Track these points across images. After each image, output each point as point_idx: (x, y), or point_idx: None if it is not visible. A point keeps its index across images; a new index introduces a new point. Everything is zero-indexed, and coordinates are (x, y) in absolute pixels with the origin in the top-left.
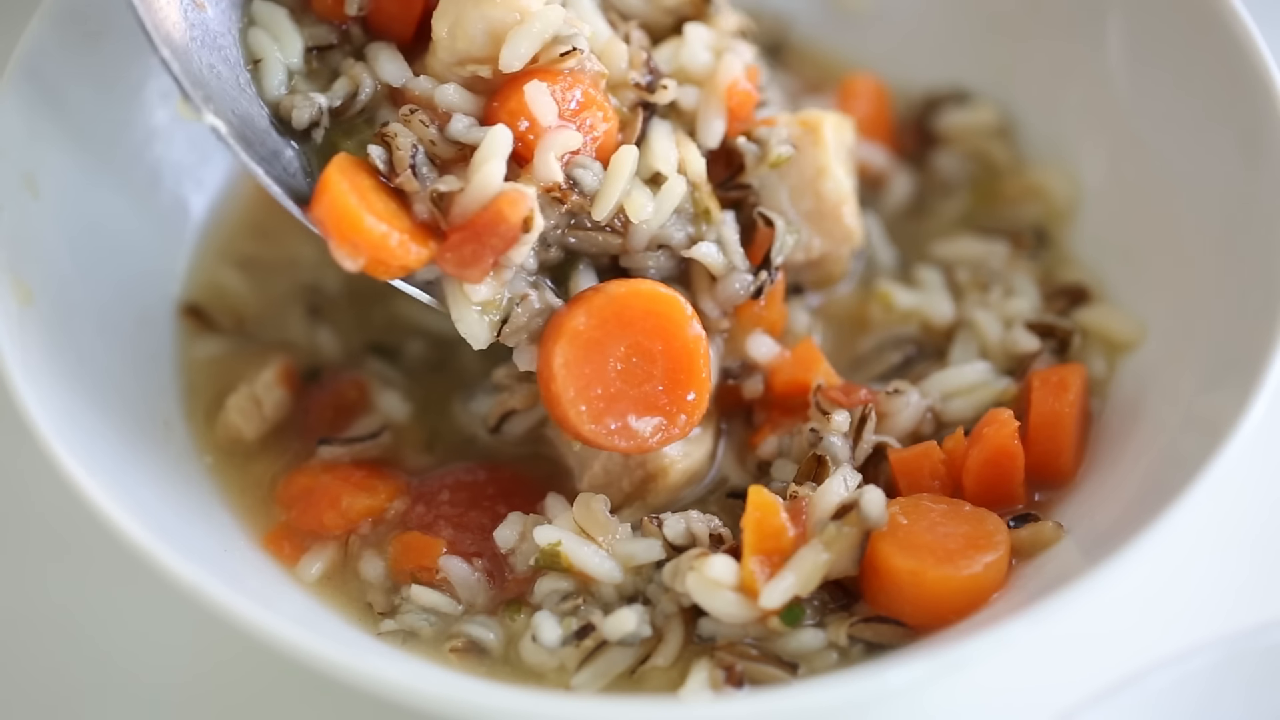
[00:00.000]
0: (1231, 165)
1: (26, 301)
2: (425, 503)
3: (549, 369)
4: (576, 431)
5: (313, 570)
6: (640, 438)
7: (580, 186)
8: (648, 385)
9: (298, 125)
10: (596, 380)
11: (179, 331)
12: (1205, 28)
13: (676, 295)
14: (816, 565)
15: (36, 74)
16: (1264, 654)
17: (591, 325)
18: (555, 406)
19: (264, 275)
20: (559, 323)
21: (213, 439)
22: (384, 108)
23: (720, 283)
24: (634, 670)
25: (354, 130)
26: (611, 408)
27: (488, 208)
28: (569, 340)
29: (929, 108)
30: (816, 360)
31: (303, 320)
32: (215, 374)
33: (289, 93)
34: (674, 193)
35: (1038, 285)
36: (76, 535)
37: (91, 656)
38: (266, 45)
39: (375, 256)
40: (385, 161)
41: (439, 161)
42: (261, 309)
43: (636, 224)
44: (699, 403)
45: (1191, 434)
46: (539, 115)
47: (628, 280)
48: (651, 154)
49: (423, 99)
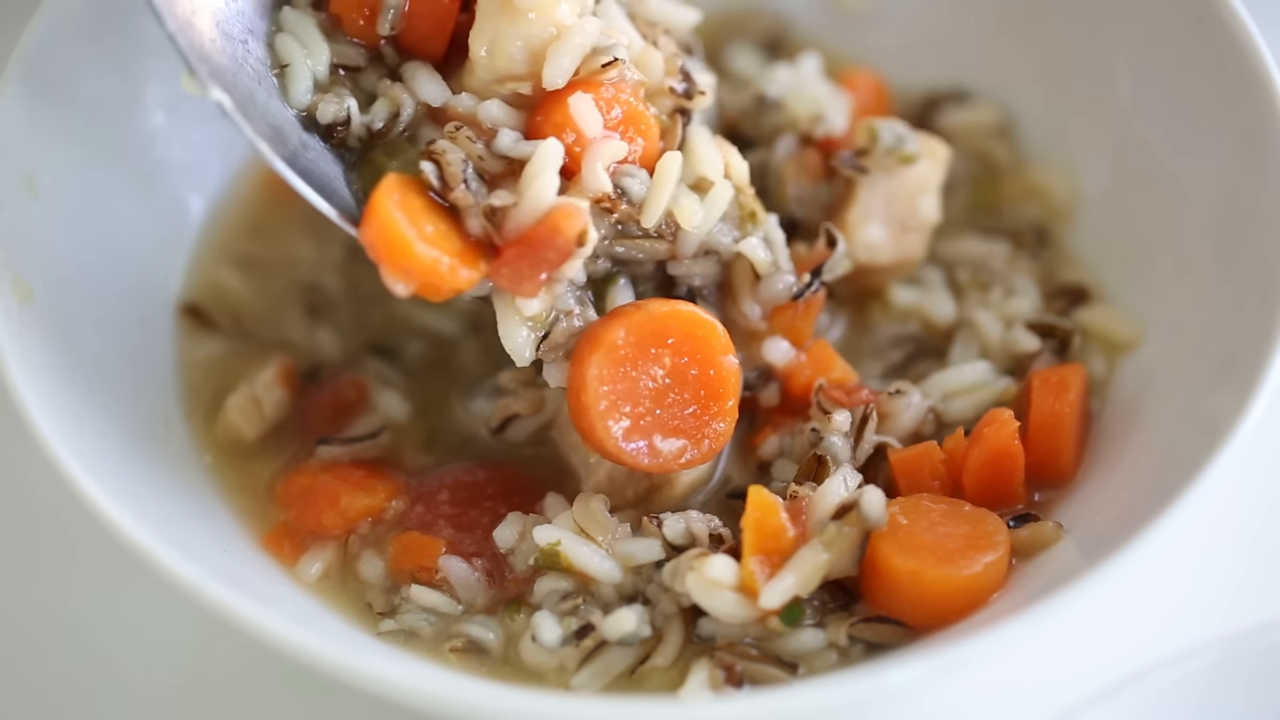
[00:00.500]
0: (1231, 165)
1: (27, 300)
2: (425, 503)
3: (581, 379)
4: (601, 444)
5: (312, 570)
6: (663, 458)
7: (628, 195)
8: (677, 407)
9: (322, 120)
10: (628, 396)
11: (178, 331)
12: (1205, 28)
13: (716, 323)
14: (816, 565)
15: (37, 73)
16: (1263, 654)
17: (629, 341)
18: (583, 417)
19: (263, 274)
20: (596, 335)
21: (212, 438)
22: (425, 126)
23: (764, 282)
24: (634, 670)
25: (398, 150)
26: (639, 425)
27: (542, 222)
28: (605, 353)
29: (929, 107)
30: (832, 361)
31: (302, 320)
32: (215, 374)
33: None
34: (722, 197)
35: (1038, 285)
36: (76, 534)
37: (91, 655)
38: (295, 51)
39: (426, 281)
40: (438, 178)
41: (487, 177)
42: (260, 308)
43: (686, 230)
44: (726, 432)
45: (1191, 434)
46: (584, 127)
47: (669, 300)
48: (695, 159)
49: (466, 116)
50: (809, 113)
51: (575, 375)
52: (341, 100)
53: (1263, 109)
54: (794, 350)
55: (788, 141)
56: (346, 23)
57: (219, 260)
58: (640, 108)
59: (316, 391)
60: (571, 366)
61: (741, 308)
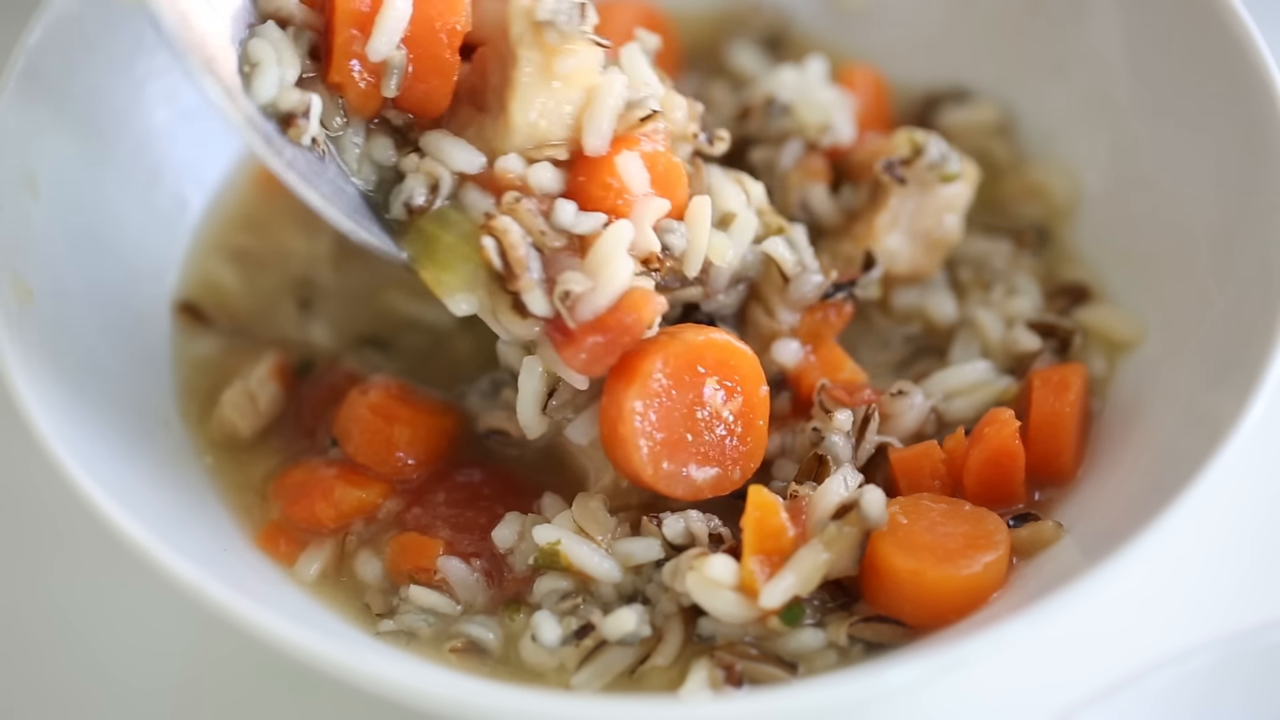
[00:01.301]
0: (1231, 165)
1: (27, 301)
2: (421, 504)
3: (618, 410)
4: (637, 474)
5: (311, 570)
6: (695, 486)
7: (670, 250)
8: (711, 436)
9: (282, 108)
10: (664, 426)
11: (174, 329)
12: (1205, 27)
13: (749, 352)
14: (816, 565)
15: (36, 73)
16: (1263, 653)
17: (666, 371)
18: (619, 448)
19: (255, 268)
20: (633, 366)
21: (208, 436)
22: (464, 188)
23: (793, 283)
24: (634, 670)
25: (448, 221)
26: (674, 454)
27: (618, 306)
28: (643, 384)
29: (929, 106)
30: (842, 363)
31: (294, 314)
32: (210, 372)
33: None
34: (748, 226)
35: (1039, 284)
36: (76, 534)
37: (89, 656)
38: (266, 52)
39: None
40: (501, 259)
41: (546, 252)
42: (254, 303)
43: (719, 266)
44: (756, 460)
45: (1191, 433)
46: (632, 185)
47: (703, 328)
48: (716, 196)
49: (516, 183)
50: (818, 121)
51: (611, 406)
52: (304, 99)
53: (1263, 109)
54: (803, 351)
55: (795, 147)
56: (348, 91)
57: (212, 254)
58: (674, 159)
59: (311, 386)
60: (606, 395)
61: (776, 315)
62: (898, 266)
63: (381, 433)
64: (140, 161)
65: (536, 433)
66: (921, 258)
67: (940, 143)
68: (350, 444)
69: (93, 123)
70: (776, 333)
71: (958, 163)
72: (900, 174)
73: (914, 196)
